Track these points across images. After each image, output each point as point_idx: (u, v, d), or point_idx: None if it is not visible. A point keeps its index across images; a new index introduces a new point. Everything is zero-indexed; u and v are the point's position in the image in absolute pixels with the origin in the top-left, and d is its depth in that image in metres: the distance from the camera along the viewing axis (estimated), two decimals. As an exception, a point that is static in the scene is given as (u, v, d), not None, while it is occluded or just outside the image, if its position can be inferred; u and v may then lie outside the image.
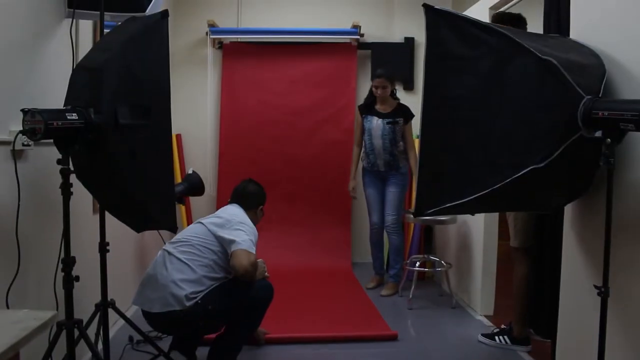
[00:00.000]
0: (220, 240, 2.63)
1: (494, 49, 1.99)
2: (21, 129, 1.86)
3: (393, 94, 4.26)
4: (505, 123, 1.96)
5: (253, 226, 2.78)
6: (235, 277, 2.62)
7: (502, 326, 3.27)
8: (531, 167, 1.87)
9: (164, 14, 2.29)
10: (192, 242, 2.65)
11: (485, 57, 2.00)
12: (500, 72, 1.97)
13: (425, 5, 2.04)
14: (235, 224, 2.68)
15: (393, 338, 3.29)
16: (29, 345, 1.27)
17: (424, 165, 2.12)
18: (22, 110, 1.83)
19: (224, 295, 2.59)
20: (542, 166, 1.86)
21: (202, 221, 2.77)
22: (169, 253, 2.64)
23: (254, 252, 2.61)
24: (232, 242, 2.59)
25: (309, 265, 4.77)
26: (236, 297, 2.62)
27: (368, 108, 4.29)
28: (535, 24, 3.08)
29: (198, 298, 2.53)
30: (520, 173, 1.88)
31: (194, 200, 4.80)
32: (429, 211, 2.10)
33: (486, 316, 3.68)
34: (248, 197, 2.97)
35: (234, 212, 2.82)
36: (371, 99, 4.27)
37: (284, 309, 3.50)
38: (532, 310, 3.08)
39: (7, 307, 1.94)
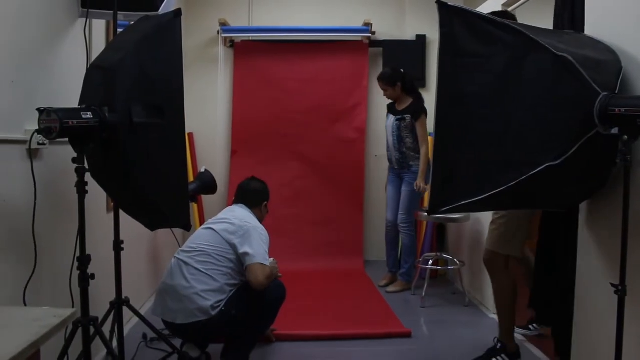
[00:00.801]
0: (234, 249, 2.64)
1: (509, 46, 1.96)
2: (37, 128, 1.88)
3: (411, 90, 4.24)
4: (520, 120, 1.94)
5: (264, 230, 2.79)
6: None
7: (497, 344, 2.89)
8: (546, 165, 1.85)
9: (177, 13, 2.28)
10: (208, 252, 2.65)
11: (499, 54, 1.98)
12: (515, 68, 1.95)
13: (438, 2, 2.02)
14: (248, 231, 2.68)
15: (407, 335, 3.29)
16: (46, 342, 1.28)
17: (438, 163, 2.10)
18: (38, 109, 1.85)
19: (243, 299, 2.62)
20: (557, 164, 1.84)
21: (213, 227, 2.76)
22: (186, 263, 2.63)
23: (268, 263, 2.63)
24: (246, 254, 2.60)
25: (322, 263, 4.76)
26: (252, 299, 2.64)
27: (390, 106, 4.35)
28: (547, 22, 3.04)
29: (222, 305, 2.55)
30: (536, 171, 1.86)
31: (206, 199, 4.82)
32: (442, 209, 2.09)
33: (499, 315, 3.66)
34: (252, 195, 2.98)
35: (242, 215, 2.82)
36: None
37: (297, 307, 3.49)
38: (546, 306, 3.00)
39: (25, 305, 1.96)
